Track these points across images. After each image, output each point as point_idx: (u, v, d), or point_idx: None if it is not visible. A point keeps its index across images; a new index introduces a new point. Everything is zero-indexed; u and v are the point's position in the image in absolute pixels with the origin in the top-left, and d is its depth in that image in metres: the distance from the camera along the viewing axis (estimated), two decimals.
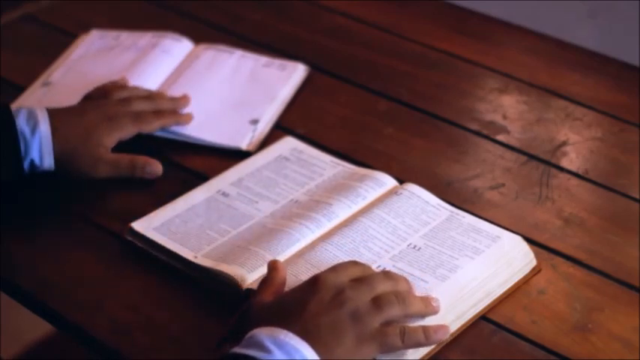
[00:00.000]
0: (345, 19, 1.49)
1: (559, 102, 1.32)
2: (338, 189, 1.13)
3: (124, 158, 1.17)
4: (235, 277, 1.01)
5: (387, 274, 0.96)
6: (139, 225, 1.09)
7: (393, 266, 1.02)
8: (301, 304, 0.91)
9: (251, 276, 1.01)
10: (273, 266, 0.98)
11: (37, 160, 1.12)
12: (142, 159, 1.17)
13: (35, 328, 1.95)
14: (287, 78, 1.34)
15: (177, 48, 1.39)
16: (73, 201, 1.15)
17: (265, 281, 0.97)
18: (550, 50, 1.43)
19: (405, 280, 0.97)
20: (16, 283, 1.06)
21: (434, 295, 0.97)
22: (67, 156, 1.14)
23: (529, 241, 1.07)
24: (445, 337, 0.95)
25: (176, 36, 1.40)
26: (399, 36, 1.46)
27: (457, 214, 1.09)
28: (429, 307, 0.96)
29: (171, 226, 1.09)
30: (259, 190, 1.14)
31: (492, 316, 1.00)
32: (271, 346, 0.86)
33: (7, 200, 1.14)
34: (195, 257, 1.05)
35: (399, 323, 0.93)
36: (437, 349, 0.96)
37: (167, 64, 1.36)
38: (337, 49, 1.42)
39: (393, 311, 0.93)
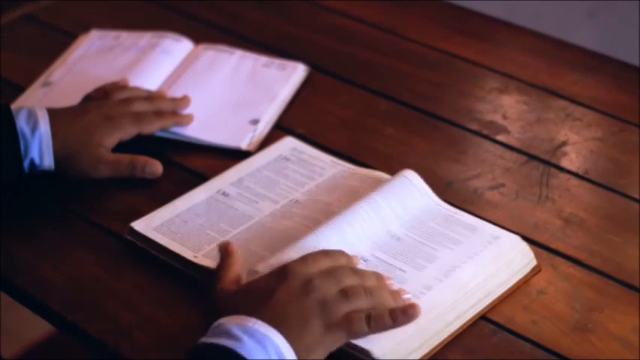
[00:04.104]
0: (345, 19, 1.49)
1: (559, 102, 1.32)
2: (338, 189, 1.13)
3: (124, 158, 1.17)
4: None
5: (354, 270, 0.96)
6: (139, 225, 1.09)
7: (393, 265, 1.02)
8: (269, 293, 0.91)
9: None
10: (226, 251, 0.98)
11: (37, 160, 1.12)
12: (142, 159, 1.17)
13: (35, 328, 1.95)
14: (287, 78, 1.34)
15: (177, 48, 1.39)
16: (73, 201, 1.15)
17: (222, 268, 0.97)
18: (550, 50, 1.43)
19: (374, 275, 0.96)
20: (16, 283, 1.06)
21: (407, 287, 0.97)
22: (67, 156, 1.14)
23: (529, 241, 1.07)
24: (416, 316, 0.93)
25: (176, 36, 1.40)
26: (399, 36, 1.46)
27: (457, 214, 1.09)
28: (398, 301, 0.95)
29: (171, 226, 1.09)
30: (259, 190, 1.14)
31: (492, 316, 1.00)
32: (241, 334, 0.87)
33: (7, 200, 1.15)
34: (195, 257, 1.05)
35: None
36: (437, 349, 0.96)
37: (167, 64, 1.36)
38: (337, 49, 1.42)
39: (360, 302, 0.93)
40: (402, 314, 0.93)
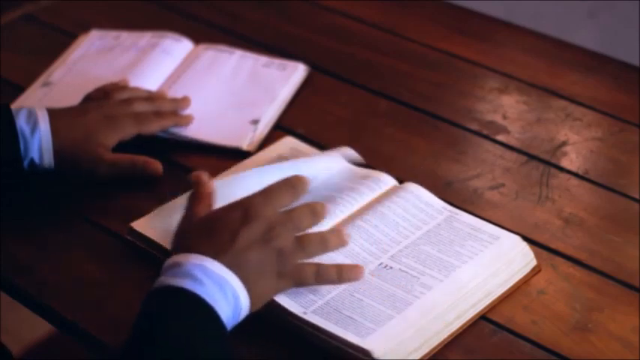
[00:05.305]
0: (345, 19, 1.49)
1: (559, 102, 1.32)
2: (338, 189, 1.12)
3: (124, 158, 1.17)
4: None
5: (309, 208, 0.98)
6: (139, 225, 1.09)
7: (393, 266, 1.02)
8: (232, 234, 0.94)
9: None
10: (197, 180, 1.01)
11: (36, 160, 1.12)
12: (141, 159, 1.17)
13: (35, 328, 1.95)
14: (287, 78, 1.34)
15: (177, 48, 1.39)
16: (73, 201, 1.15)
17: (194, 197, 1.00)
18: (550, 50, 1.43)
19: (322, 207, 0.99)
20: (16, 283, 1.06)
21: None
22: (67, 156, 1.14)
23: (529, 241, 1.07)
24: (359, 277, 0.99)
25: (176, 36, 1.40)
26: (399, 36, 1.46)
27: (457, 214, 1.09)
28: (342, 240, 0.99)
29: (172, 226, 1.09)
30: (259, 189, 1.14)
31: (492, 316, 1.00)
32: (203, 278, 0.90)
33: (7, 200, 1.14)
34: None
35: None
36: (437, 349, 0.96)
37: (167, 65, 1.36)
38: (337, 49, 1.42)
39: (314, 250, 0.98)
40: (347, 272, 0.98)
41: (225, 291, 0.90)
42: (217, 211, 0.98)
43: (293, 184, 0.99)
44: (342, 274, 0.98)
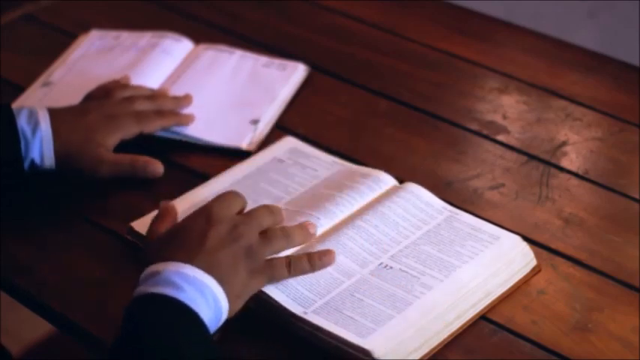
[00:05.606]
0: (345, 19, 1.49)
1: (559, 102, 1.32)
2: (338, 188, 1.12)
3: (125, 158, 1.17)
4: None
5: (267, 208, 1.01)
6: (139, 225, 1.09)
7: (393, 266, 1.02)
8: (200, 238, 0.96)
9: None
10: (164, 206, 1.04)
11: (37, 160, 1.12)
12: (142, 159, 1.17)
13: (35, 328, 1.95)
14: (287, 78, 1.34)
15: (177, 48, 1.39)
16: (73, 201, 1.15)
17: (157, 217, 1.03)
18: (550, 50, 1.43)
19: (278, 208, 1.03)
20: (16, 283, 1.06)
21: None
22: (67, 156, 1.14)
23: (529, 241, 1.07)
24: (331, 262, 1.01)
25: (176, 36, 1.40)
26: (399, 36, 1.46)
27: (457, 214, 1.09)
28: (307, 235, 1.03)
29: None
30: (259, 189, 1.14)
31: (492, 316, 1.00)
32: (182, 284, 0.90)
33: (7, 200, 1.14)
34: None
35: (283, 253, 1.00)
36: (437, 349, 0.96)
37: (167, 65, 1.36)
38: (337, 49, 1.42)
39: (279, 244, 1.00)
40: (318, 260, 1.01)
41: (205, 295, 0.91)
42: (181, 221, 1.00)
43: (237, 193, 1.02)
44: (315, 262, 1.00)
